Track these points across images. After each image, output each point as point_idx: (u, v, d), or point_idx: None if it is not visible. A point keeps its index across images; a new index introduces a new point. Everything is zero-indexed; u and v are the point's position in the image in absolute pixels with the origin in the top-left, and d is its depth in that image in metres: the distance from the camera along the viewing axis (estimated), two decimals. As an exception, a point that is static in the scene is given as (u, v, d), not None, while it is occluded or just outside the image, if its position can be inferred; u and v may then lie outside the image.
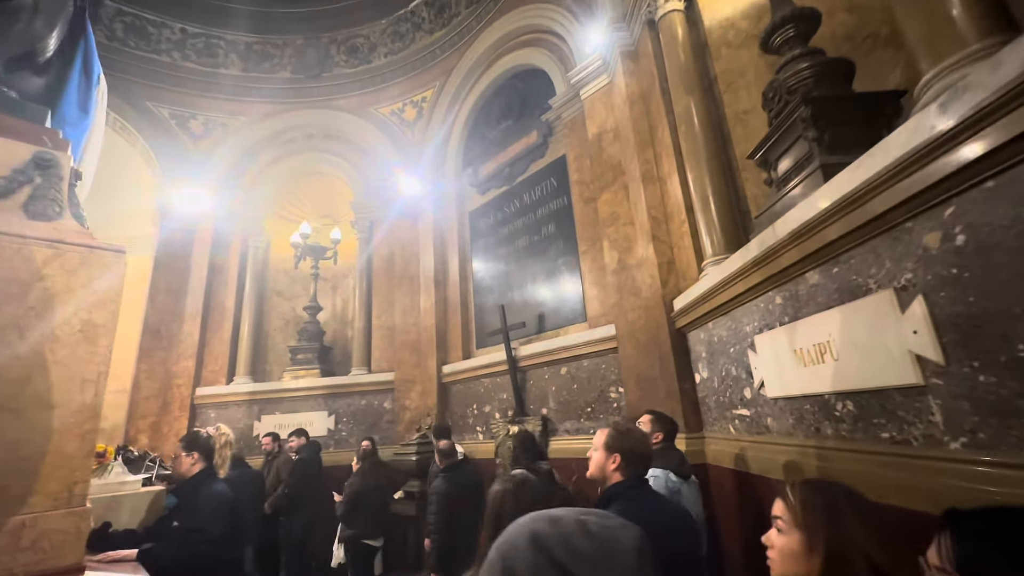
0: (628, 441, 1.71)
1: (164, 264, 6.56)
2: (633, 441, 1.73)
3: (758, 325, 2.33)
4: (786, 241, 1.94)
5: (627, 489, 1.64)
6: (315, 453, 4.85)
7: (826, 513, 0.99)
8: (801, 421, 2.03)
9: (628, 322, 3.83)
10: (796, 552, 1.00)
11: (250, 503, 4.12)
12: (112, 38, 6.80)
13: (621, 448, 1.70)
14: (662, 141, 3.62)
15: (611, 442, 1.72)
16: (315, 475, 4.64)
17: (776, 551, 1.05)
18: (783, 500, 1.07)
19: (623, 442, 1.71)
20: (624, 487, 1.65)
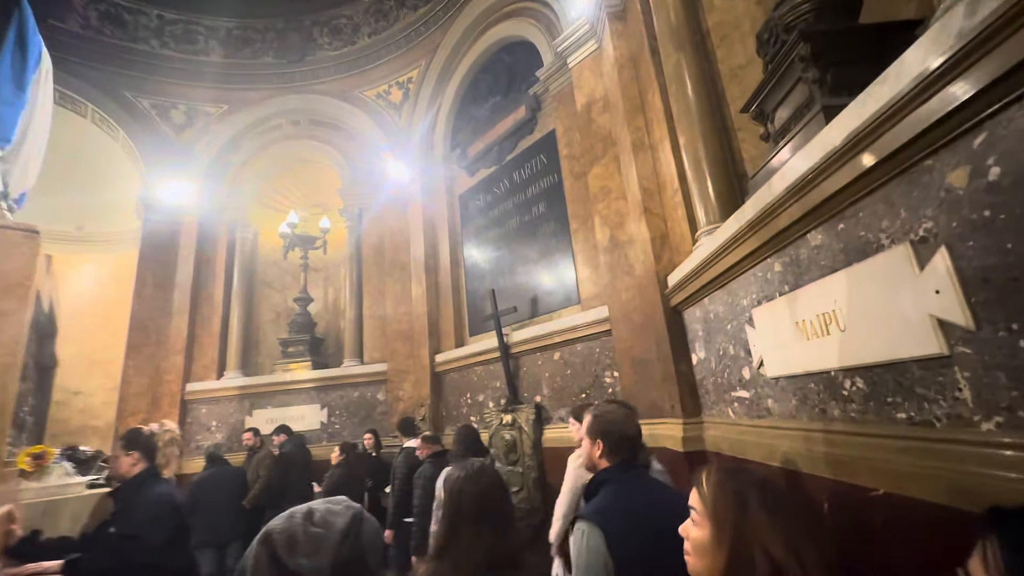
0: (607, 423, 1.64)
1: (149, 258, 6.41)
2: (611, 422, 1.64)
3: (756, 297, 2.09)
4: (784, 198, 1.69)
5: (615, 474, 1.57)
6: (298, 448, 4.75)
7: (734, 504, 0.92)
8: (805, 402, 1.80)
9: (621, 303, 3.60)
10: (706, 545, 0.93)
11: (228, 500, 4.06)
12: (87, 27, 6.59)
13: (603, 431, 1.63)
14: (653, 106, 3.36)
15: (592, 427, 1.66)
16: (298, 470, 4.52)
17: (691, 543, 0.98)
18: (696, 489, 0.99)
19: (602, 424, 1.64)
20: (612, 472, 1.58)
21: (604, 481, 1.57)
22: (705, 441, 2.77)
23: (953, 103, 1.05)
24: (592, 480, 1.63)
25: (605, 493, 1.54)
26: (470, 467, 1.51)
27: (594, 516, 1.43)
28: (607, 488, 1.54)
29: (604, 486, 1.55)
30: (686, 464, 2.79)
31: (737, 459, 2.28)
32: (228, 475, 4.29)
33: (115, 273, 7.24)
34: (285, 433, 4.90)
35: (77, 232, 7.68)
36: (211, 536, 4.00)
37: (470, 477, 1.44)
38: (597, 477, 1.61)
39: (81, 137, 6.82)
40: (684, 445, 2.81)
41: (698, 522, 0.97)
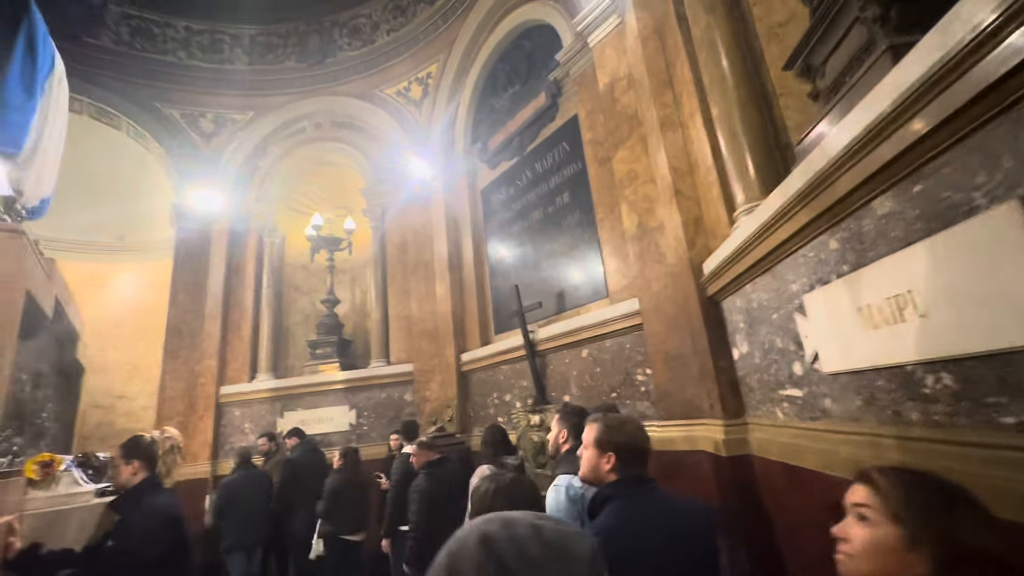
0: (622, 435, 1.51)
1: (183, 265, 6.55)
2: (627, 435, 1.52)
3: (808, 281, 1.82)
4: (841, 159, 1.42)
5: (623, 490, 1.44)
6: (310, 451, 4.74)
7: (940, 502, 0.84)
8: (872, 402, 1.53)
9: (652, 294, 3.34)
10: (891, 547, 0.85)
11: (256, 503, 4.06)
12: (119, 42, 6.79)
13: (615, 444, 1.49)
14: (681, 77, 3.08)
15: (603, 438, 1.51)
16: (310, 474, 4.50)
17: (858, 544, 0.89)
18: (869, 486, 0.91)
19: (617, 436, 1.50)
20: (620, 487, 1.45)
21: (610, 497, 1.44)
22: (750, 445, 2.49)
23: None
24: (596, 496, 1.49)
25: (610, 511, 1.41)
26: (502, 479, 1.38)
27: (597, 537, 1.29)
28: (613, 505, 1.42)
29: (609, 503, 1.43)
30: (729, 470, 2.52)
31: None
32: (256, 478, 4.30)
33: (153, 281, 7.47)
34: (297, 436, 4.87)
35: (119, 242, 7.99)
36: (241, 539, 4.02)
37: (500, 492, 1.31)
38: (602, 493, 1.47)
39: (118, 150, 7.06)
40: (726, 449, 2.54)
41: (873, 521, 0.88)
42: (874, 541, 0.87)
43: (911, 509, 0.84)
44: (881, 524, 0.87)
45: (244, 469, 4.33)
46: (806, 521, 1.93)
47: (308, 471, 4.46)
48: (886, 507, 0.87)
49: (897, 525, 0.85)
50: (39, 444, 2.40)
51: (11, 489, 1.84)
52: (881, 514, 0.87)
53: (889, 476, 0.90)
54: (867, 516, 0.89)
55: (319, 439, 5.75)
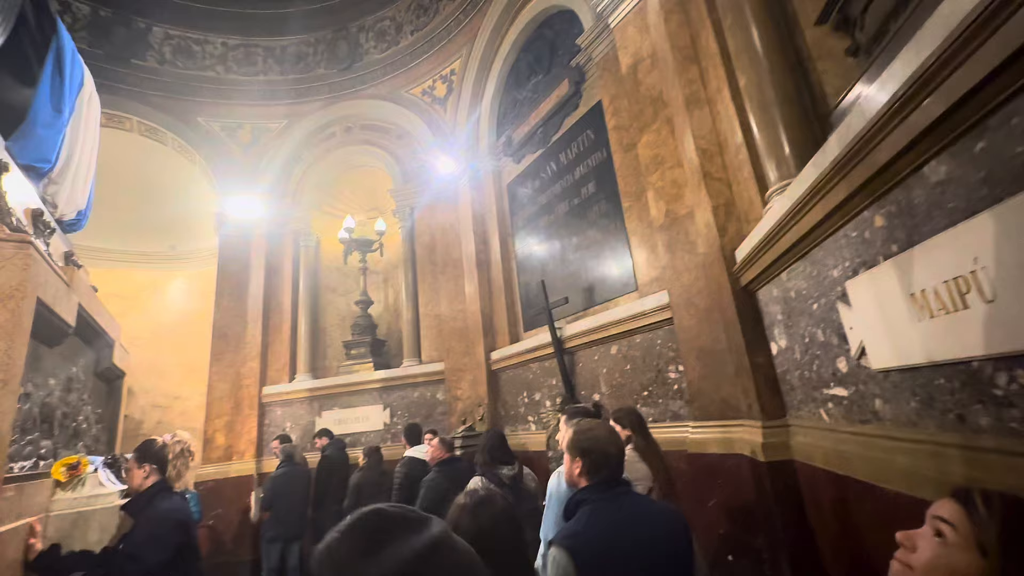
0: (588, 440, 1.52)
1: (226, 271, 6.83)
2: (594, 440, 1.52)
3: (850, 265, 1.59)
4: (885, 118, 1.21)
5: (592, 494, 1.46)
6: (339, 451, 4.84)
7: None
8: (931, 404, 1.30)
9: (683, 286, 3.12)
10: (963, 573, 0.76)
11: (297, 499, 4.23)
12: (162, 62, 7.16)
13: (582, 449, 1.51)
14: (707, 50, 2.84)
15: (572, 444, 1.54)
16: (338, 472, 4.63)
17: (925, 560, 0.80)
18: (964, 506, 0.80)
19: (583, 441, 1.52)
20: (589, 491, 1.47)
21: (581, 501, 1.46)
22: (792, 449, 2.25)
23: None
24: (570, 500, 1.51)
25: (580, 515, 1.43)
26: (472, 497, 1.36)
27: (565, 541, 1.34)
28: (583, 509, 1.44)
29: (581, 507, 1.45)
30: (769, 477, 2.29)
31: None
32: (298, 474, 4.47)
33: (202, 287, 7.84)
34: (327, 436, 5.05)
35: (171, 251, 8.47)
36: (282, 531, 4.22)
37: (467, 509, 1.30)
38: (575, 497, 1.50)
39: (166, 165, 7.45)
40: (765, 454, 2.31)
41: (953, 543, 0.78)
42: (947, 565, 0.78)
43: (1007, 547, 0.73)
44: (962, 550, 0.77)
45: (288, 465, 4.48)
46: (855, 540, 1.69)
47: (338, 469, 4.60)
48: (976, 534, 0.76)
49: (981, 558, 0.74)
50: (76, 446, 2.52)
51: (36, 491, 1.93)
52: (967, 540, 0.77)
53: (993, 503, 0.79)
54: (947, 535, 0.79)
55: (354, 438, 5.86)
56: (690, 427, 3.02)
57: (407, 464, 3.97)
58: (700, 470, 2.84)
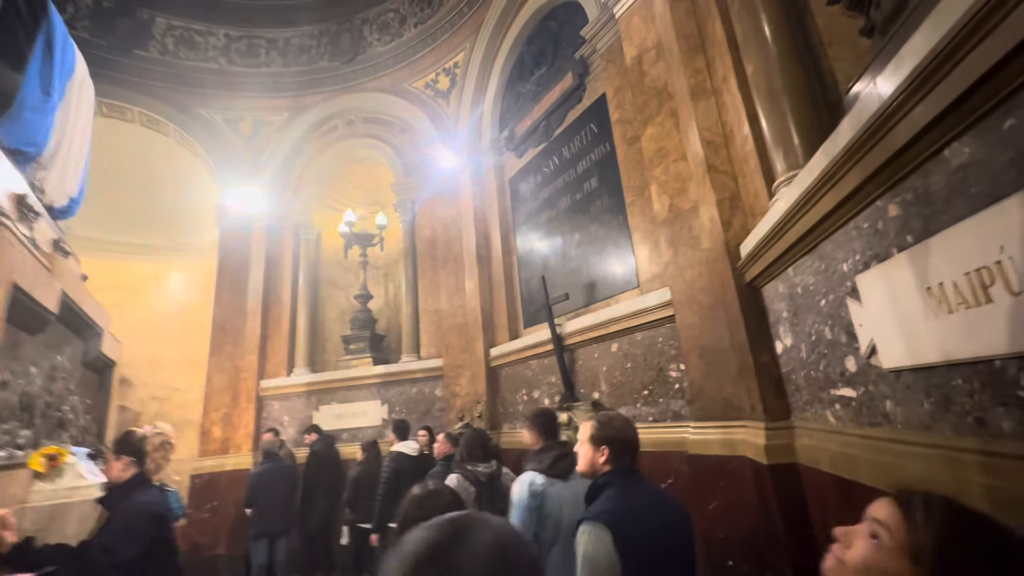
0: (612, 430, 1.67)
1: (225, 264, 6.80)
2: (617, 429, 1.68)
3: (861, 258, 1.50)
4: (901, 96, 1.12)
5: (617, 477, 1.61)
6: (328, 447, 4.84)
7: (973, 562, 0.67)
8: (947, 407, 1.21)
9: (686, 282, 3.03)
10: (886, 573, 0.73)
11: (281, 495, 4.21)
12: (165, 52, 7.12)
13: (607, 438, 1.65)
14: (714, 38, 2.75)
15: (596, 434, 1.68)
16: (328, 468, 4.65)
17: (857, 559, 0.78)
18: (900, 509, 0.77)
19: (608, 431, 1.67)
20: (614, 475, 1.62)
21: (607, 484, 1.60)
22: (797, 452, 2.16)
23: None
24: (593, 484, 1.65)
25: (608, 495, 1.56)
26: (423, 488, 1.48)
27: (601, 516, 1.45)
28: (610, 490, 1.57)
29: (607, 488, 1.59)
30: (772, 481, 2.20)
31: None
32: (282, 470, 4.43)
33: (202, 280, 7.81)
34: (316, 433, 5.03)
35: (172, 243, 8.44)
36: (265, 527, 4.19)
37: (415, 500, 1.40)
38: (599, 480, 1.63)
39: (168, 156, 7.42)
40: (768, 456, 2.22)
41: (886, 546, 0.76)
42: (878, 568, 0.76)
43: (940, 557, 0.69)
44: (894, 555, 0.74)
45: (271, 461, 4.44)
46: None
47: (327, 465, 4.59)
48: (909, 540, 0.73)
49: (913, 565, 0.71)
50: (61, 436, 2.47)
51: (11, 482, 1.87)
52: (900, 545, 0.74)
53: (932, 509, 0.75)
54: (882, 538, 0.77)
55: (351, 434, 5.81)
56: (691, 427, 2.94)
57: (395, 459, 3.96)
58: (701, 472, 2.76)
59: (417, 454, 4.07)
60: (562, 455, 2.19)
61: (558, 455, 2.19)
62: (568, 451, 2.18)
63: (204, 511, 5.67)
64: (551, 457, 2.19)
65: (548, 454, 2.21)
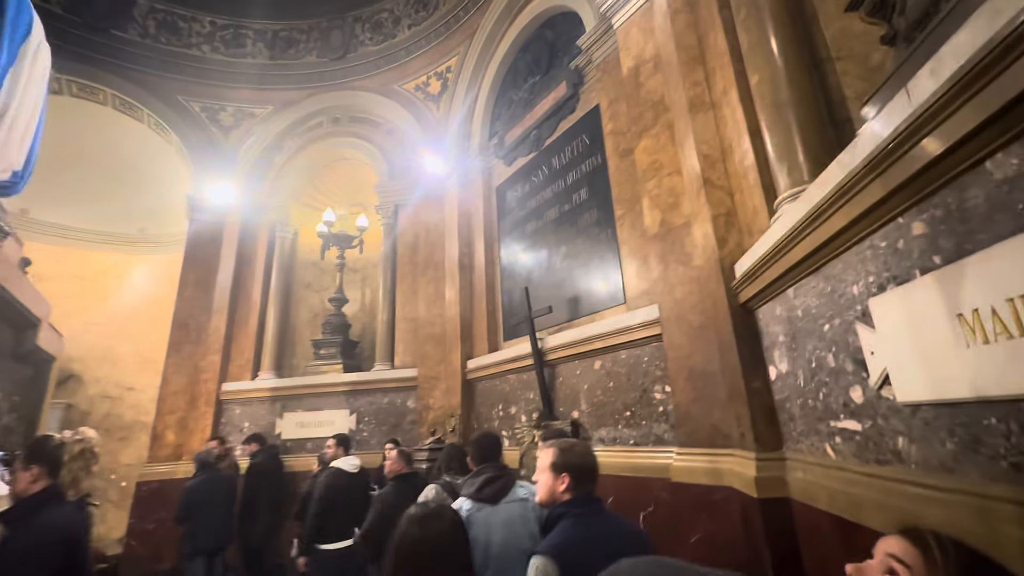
0: (575, 457, 1.65)
1: (193, 258, 6.48)
2: (579, 456, 1.66)
3: (875, 280, 1.38)
4: (938, 102, 1.01)
5: (574, 507, 1.58)
6: (271, 458, 4.64)
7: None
8: (976, 449, 1.08)
9: (675, 300, 2.91)
10: None
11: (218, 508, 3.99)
12: (145, 35, 6.84)
13: (569, 465, 1.62)
14: (715, 49, 2.67)
15: (558, 461, 1.64)
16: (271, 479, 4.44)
17: None
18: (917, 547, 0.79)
19: (570, 458, 1.64)
20: (571, 505, 1.59)
21: (563, 515, 1.57)
22: (789, 486, 2.02)
23: None
24: (550, 514, 1.61)
25: (563, 526, 1.54)
26: (423, 508, 1.44)
27: (551, 550, 1.44)
28: (564, 521, 1.55)
29: (562, 519, 1.56)
30: (761, 515, 2.06)
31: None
32: (219, 482, 4.14)
33: (169, 274, 7.43)
34: (257, 442, 4.81)
35: (140, 234, 8.05)
36: (202, 544, 3.89)
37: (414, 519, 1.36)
38: (555, 511, 1.60)
39: (140, 142, 7.09)
40: (758, 489, 2.08)
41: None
42: None
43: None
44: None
45: (206, 473, 4.13)
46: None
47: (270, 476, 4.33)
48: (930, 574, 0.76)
49: None
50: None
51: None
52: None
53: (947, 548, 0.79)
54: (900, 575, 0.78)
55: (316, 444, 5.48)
56: (675, 453, 2.79)
57: (332, 475, 3.73)
58: (684, 502, 2.61)
59: (356, 471, 3.82)
60: (491, 479, 2.14)
61: (487, 479, 2.14)
62: (500, 475, 2.17)
63: (149, 522, 5.28)
64: (480, 481, 2.14)
65: (478, 479, 2.16)
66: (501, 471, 2.20)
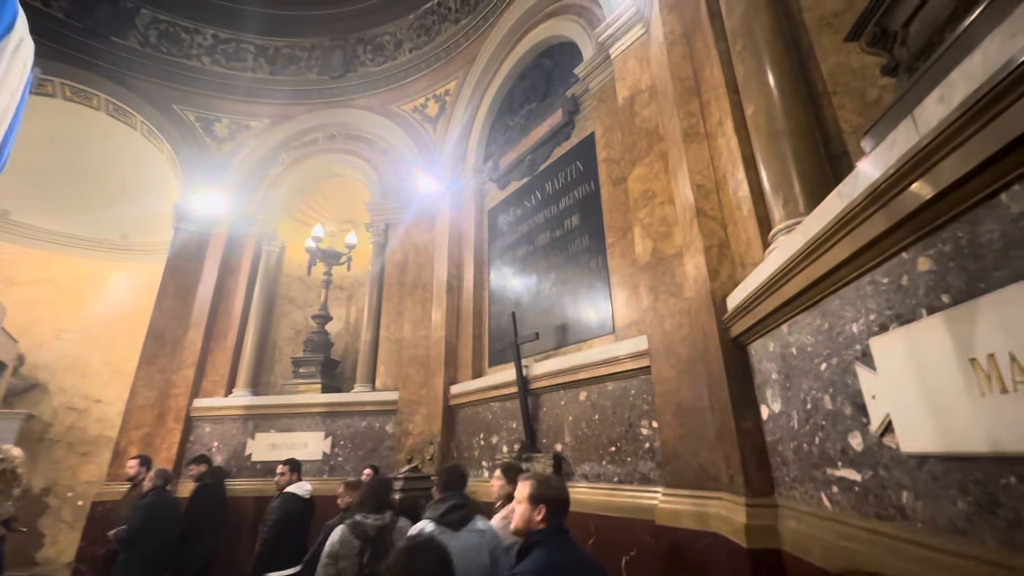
0: (551, 490, 1.78)
1: (175, 268, 6.30)
2: (555, 489, 1.79)
3: (877, 319, 1.30)
4: (947, 130, 0.94)
5: (548, 536, 1.69)
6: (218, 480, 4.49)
7: None
8: (993, 510, 0.97)
9: (664, 332, 2.82)
10: None
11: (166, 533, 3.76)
12: (145, 44, 6.84)
13: (545, 497, 1.74)
14: (710, 81, 2.66)
15: (535, 493, 1.76)
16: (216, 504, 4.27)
17: None
18: None
19: (547, 491, 1.76)
20: (545, 534, 1.70)
21: (538, 543, 1.69)
22: (781, 536, 1.88)
23: None
24: (526, 541, 1.73)
25: (537, 554, 1.65)
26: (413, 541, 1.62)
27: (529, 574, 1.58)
28: (539, 549, 1.66)
29: (537, 547, 1.67)
30: (751, 567, 1.91)
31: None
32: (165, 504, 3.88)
33: (149, 283, 7.24)
34: (205, 463, 4.62)
35: (122, 241, 7.86)
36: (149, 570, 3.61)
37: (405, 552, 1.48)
38: (531, 538, 1.72)
39: (129, 149, 7.00)
40: (748, 538, 1.94)
41: None
42: None
43: None
44: None
45: (159, 493, 3.87)
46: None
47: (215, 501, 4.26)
48: None
49: None
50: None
51: None
52: None
53: None
54: None
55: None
56: (660, 494, 2.64)
57: (285, 501, 3.56)
58: (668, 547, 2.45)
59: (309, 496, 3.72)
60: (456, 506, 2.26)
61: (452, 506, 2.26)
62: (464, 503, 2.29)
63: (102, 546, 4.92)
64: (446, 507, 2.25)
65: (444, 504, 2.27)
66: (465, 500, 2.33)
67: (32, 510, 6.35)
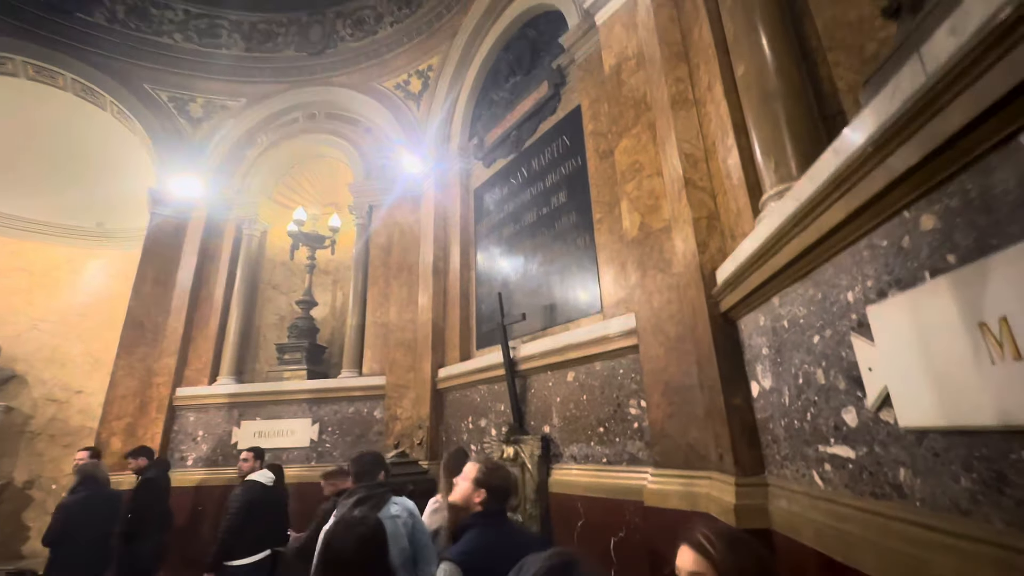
0: (496, 479, 1.86)
1: (153, 254, 6.12)
2: (501, 479, 1.88)
3: (874, 285, 1.20)
4: (963, 61, 0.83)
5: (482, 519, 1.78)
6: (163, 473, 4.39)
7: None
8: (1001, 488, 0.89)
9: (653, 309, 2.72)
10: None
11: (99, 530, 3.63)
12: (112, 20, 6.52)
13: (489, 484, 1.82)
14: (699, 43, 2.52)
15: (480, 478, 1.84)
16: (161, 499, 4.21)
17: None
18: (703, 556, 1.00)
19: (492, 479, 1.84)
20: (480, 517, 1.79)
21: (470, 526, 1.75)
22: (771, 516, 1.82)
23: None
24: (459, 525, 1.81)
25: (469, 536, 1.71)
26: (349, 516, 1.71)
27: (457, 556, 1.60)
28: (472, 531, 1.73)
29: (469, 530, 1.73)
30: (740, 548, 1.84)
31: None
32: (101, 500, 3.76)
33: (126, 270, 7.02)
34: (146, 457, 4.49)
35: (97, 228, 7.62)
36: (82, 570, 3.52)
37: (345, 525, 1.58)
38: (464, 522, 1.79)
39: (101, 131, 6.73)
40: (737, 518, 1.87)
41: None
42: None
43: None
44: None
45: (88, 488, 3.75)
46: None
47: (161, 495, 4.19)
48: None
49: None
50: None
51: None
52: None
53: (721, 548, 0.95)
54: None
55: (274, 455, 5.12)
56: (649, 474, 2.58)
57: (249, 489, 3.50)
58: (656, 528, 2.40)
59: (272, 484, 3.65)
60: (362, 499, 2.23)
61: (358, 499, 2.22)
62: (371, 494, 2.25)
63: (86, 537, 4.84)
64: (351, 502, 2.22)
65: (351, 498, 2.25)
66: (373, 490, 2.28)
67: (15, 503, 6.25)
